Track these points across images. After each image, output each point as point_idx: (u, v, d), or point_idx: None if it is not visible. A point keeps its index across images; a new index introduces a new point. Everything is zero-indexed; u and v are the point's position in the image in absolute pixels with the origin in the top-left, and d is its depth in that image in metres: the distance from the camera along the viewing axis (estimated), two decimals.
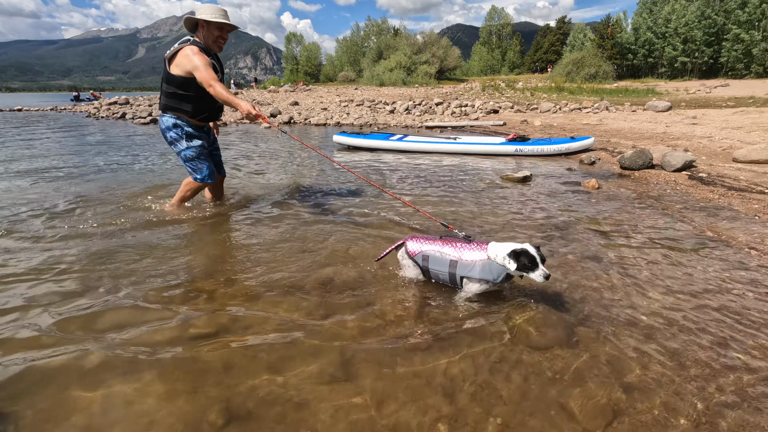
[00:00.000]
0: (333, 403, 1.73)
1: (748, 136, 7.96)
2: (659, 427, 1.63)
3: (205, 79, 3.60)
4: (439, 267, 2.61)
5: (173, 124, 3.95)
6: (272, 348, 2.09)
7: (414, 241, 2.78)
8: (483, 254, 2.47)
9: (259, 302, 2.54)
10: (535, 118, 13.14)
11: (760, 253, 3.33)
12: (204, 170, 4.12)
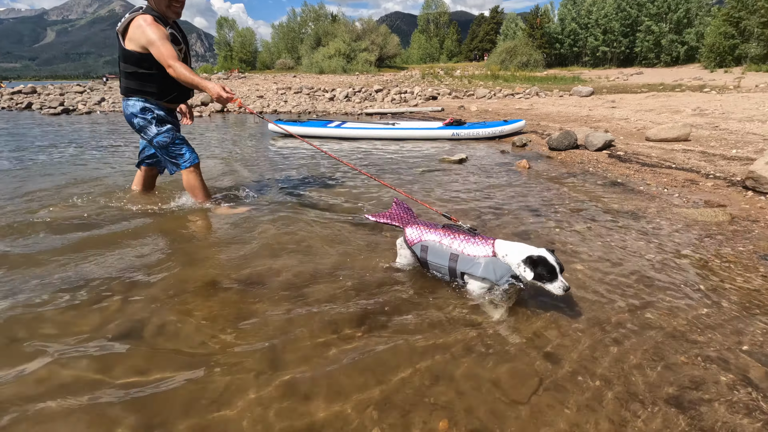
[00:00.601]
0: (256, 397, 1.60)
1: (658, 117, 8.69)
2: (579, 390, 1.68)
3: (162, 57, 3.09)
4: (439, 260, 2.40)
5: (142, 108, 3.42)
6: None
7: (414, 228, 2.55)
8: (488, 250, 2.25)
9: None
10: (471, 104, 13.47)
11: (669, 221, 3.61)
12: (186, 153, 3.63)
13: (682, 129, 6.50)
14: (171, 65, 3.11)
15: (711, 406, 1.59)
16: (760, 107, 8.66)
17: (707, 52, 34.27)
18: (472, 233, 2.40)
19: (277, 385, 1.68)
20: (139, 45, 3.18)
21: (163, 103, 3.53)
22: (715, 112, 8.62)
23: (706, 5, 43.75)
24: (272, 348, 1.91)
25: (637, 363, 1.84)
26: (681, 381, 1.73)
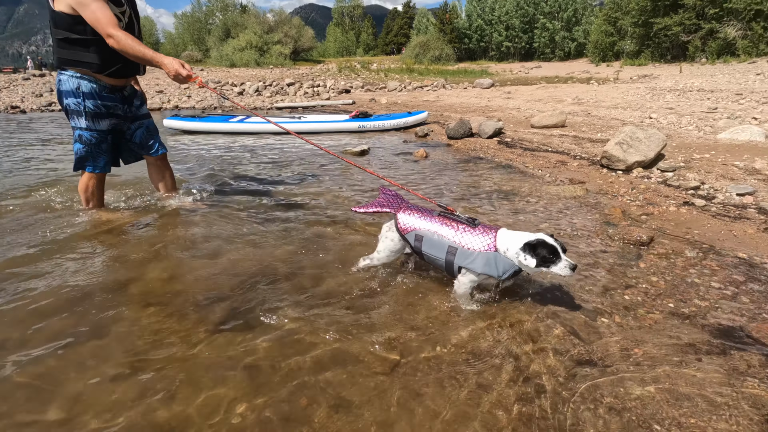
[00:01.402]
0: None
1: (544, 106, 9.59)
2: (435, 357, 1.84)
3: (98, 24, 2.59)
4: (435, 251, 2.20)
5: (75, 89, 2.88)
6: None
7: (407, 213, 2.31)
8: (490, 242, 2.09)
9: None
10: (382, 97, 13.74)
11: (537, 198, 4.04)
12: (100, 161, 3.16)
13: (559, 116, 7.25)
14: (111, 34, 2.61)
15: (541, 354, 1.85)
16: (624, 96, 9.96)
17: (592, 48, 38.32)
18: (472, 223, 2.20)
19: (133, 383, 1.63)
20: (69, 5, 2.67)
21: (105, 79, 2.96)
22: (590, 101, 9.74)
23: (590, 6, 48.84)
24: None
25: (481, 327, 2.06)
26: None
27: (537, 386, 1.69)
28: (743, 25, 24.34)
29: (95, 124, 3.04)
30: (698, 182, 4.08)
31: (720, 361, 1.81)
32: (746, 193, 3.66)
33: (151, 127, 3.47)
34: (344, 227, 3.33)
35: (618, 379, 1.73)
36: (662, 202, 3.77)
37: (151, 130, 3.47)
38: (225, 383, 1.67)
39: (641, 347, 1.90)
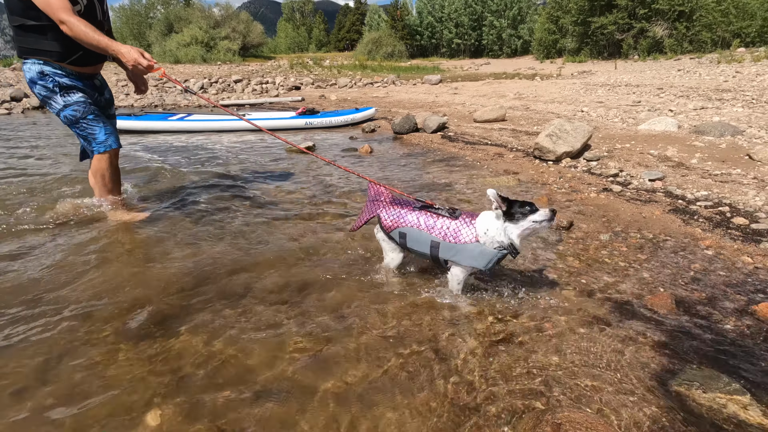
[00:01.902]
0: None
1: (488, 101, 9.93)
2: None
3: (49, 9, 2.44)
4: (420, 247, 2.20)
5: (39, 73, 2.68)
6: None
7: (388, 210, 2.28)
8: (471, 233, 2.06)
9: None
10: (332, 93, 13.66)
11: (473, 189, 4.19)
12: (99, 134, 2.91)
13: (499, 111, 7.53)
14: (63, 20, 2.45)
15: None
16: (561, 91, 10.50)
17: (537, 45, 39.91)
18: (453, 215, 2.16)
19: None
20: None
21: (69, 66, 2.78)
22: (530, 96, 10.18)
23: (534, 4, 50.83)
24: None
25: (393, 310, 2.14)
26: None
27: (456, 364, 1.78)
28: (669, 25, 26.29)
29: (69, 96, 2.81)
30: (617, 170, 4.40)
31: (619, 330, 1.98)
32: (657, 179, 4.00)
33: (113, 117, 3.36)
34: (285, 222, 3.32)
35: (529, 350, 1.85)
36: (585, 189, 4.03)
37: (113, 122, 3.33)
38: (140, 387, 1.63)
39: (552, 322, 2.05)
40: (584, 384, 1.67)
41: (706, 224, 3.08)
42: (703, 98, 7.53)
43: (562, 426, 1.39)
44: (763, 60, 12.22)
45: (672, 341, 1.92)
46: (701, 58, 18.49)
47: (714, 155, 4.43)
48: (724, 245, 2.77)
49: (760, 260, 2.57)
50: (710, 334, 1.97)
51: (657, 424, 1.48)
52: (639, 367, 1.77)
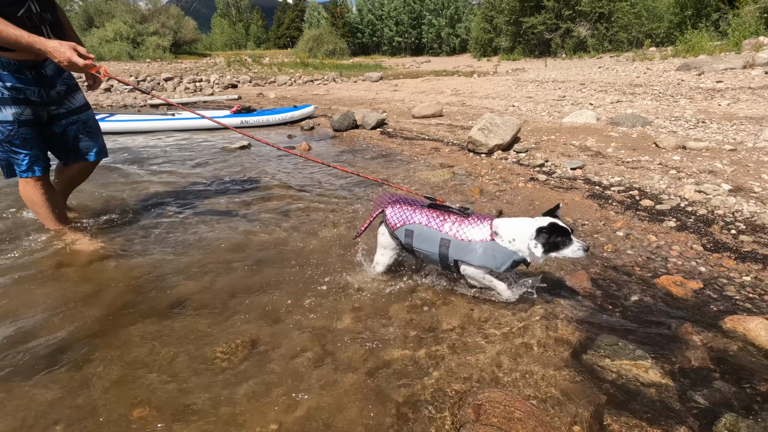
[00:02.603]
0: None
1: (426, 97, 10.11)
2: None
3: None
4: (428, 246, 2.07)
5: None
6: None
7: (395, 208, 2.16)
8: (485, 232, 1.97)
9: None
10: (270, 91, 13.28)
11: (409, 183, 4.24)
12: (23, 160, 2.51)
13: (436, 107, 7.70)
14: None
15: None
16: (495, 87, 10.94)
17: (474, 43, 41.33)
18: (464, 213, 2.09)
19: None
20: None
21: (6, 54, 2.34)
22: (466, 92, 10.51)
23: (469, 4, 52.56)
24: None
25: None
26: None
27: (383, 354, 1.79)
28: (591, 26, 28.27)
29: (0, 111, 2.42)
30: (543, 160, 4.65)
31: (540, 310, 2.08)
32: (577, 167, 4.27)
33: (89, 123, 2.88)
34: (227, 226, 3.16)
35: (454, 335, 1.90)
36: (514, 179, 4.22)
37: (90, 127, 2.88)
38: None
39: (478, 306, 2.12)
40: (505, 364, 1.74)
41: (619, 207, 3.33)
42: (619, 92, 8.17)
43: (482, 406, 1.44)
44: (669, 58, 13.48)
45: (587, 317, 2.05)
46: (619, 57, 20.06)
47: (627, 144, 4.81)
48: (634, 225, 3.02)
49: (662, 237, 2.82)
50: (620, 307, 2.13)
51: (570, 395, 1.57)
52: (556, 343, 1.87)
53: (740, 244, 2.64)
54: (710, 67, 9.10)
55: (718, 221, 2.94)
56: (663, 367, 1.71)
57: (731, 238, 2.72)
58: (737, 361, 1.74)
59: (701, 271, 2.41)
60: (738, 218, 2.95)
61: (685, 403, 1.55)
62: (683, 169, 3.91)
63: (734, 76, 8.10)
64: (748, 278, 2.31)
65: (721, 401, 1.54)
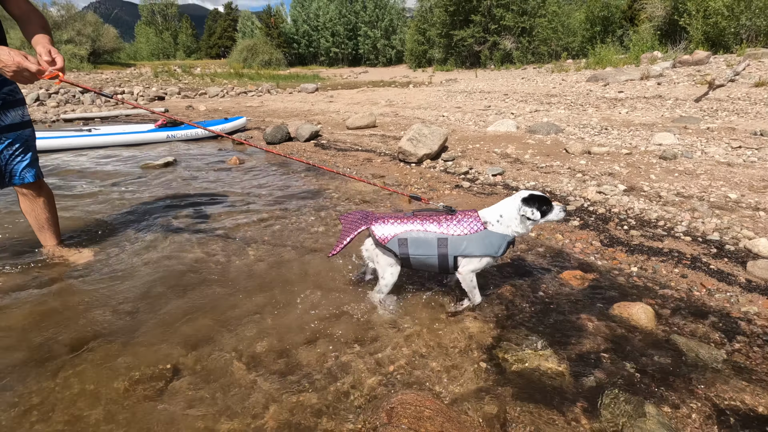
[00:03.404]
0: None
1: (361, 108, 10.28)
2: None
3: None
4: (425, 250, 2.06)
5: None
6: None
7: (382, 223, 2.11)
8: (476, 224, 2.06)
9: None
10: (201, 104, 12.78)
11: (338, 195, 4.29)
12: None
13: (370, 118, 7.86)
14: None
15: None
16: (427, 98, 11.38)
17: (409, 55, 42.56)
18: (450, 212, 2.15)
19: None
20: None
21: None
22: (399, 103, 10.82)
23: (404, 17, 54.14)
24: None
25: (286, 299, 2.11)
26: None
27: (302, 367, 1.80)
28: (515, 39, 30.27)
29: None
30: (468, 168, 4.92)
31: (448, 310, 2.21)
32: (498, 174, 4.57)
33: (19, 142, 2.49)
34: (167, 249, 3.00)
35: (369, 341, 1.96)
36: (441, 187, 4.43)
37: (18, 146, 2.49)
38: None
39: (395, 318, 2.20)
40: (419, 366, 1.83)
41: None
42: (537, 102, 8.85)
43: (395, 409, 1.50)
44: (582, 70, 14.79)
45: (498, 314, 2.20)
46: (541, 68, 21.65)
47: (542, 150, 5.22)
48: (544, 226, 3.28)
49: (568, 236, 3.10)
50: (528, 302, 2.31)
51: (478, 390, 1.69)
52: (468, 342, 2.00)
53: (630, 238, 2.97)
54: (614, 79, 10.12)
55: (613, 218, 3.29)
56: (560, 354, 1.88)
57: (624, 233, 3.06)
58: (622, 342, 1.96)
59: (598, 265, 2.69)
60: (630, 215, 3.32)
61: (577, 385, 1.72)
62: (588, 172, 4.32)
63: (633, 86, 9.08)
64: (635, 268, 2.61)
65: (607, 380, 1.74)
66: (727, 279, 2.41)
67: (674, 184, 3.80)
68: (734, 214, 3.14)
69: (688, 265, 2.58)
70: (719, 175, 3.88)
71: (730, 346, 1.92)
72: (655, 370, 1.79)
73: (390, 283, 2.17)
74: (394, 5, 53.10)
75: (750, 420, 1.54)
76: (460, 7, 32.82)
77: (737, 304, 2.21)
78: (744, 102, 6.47)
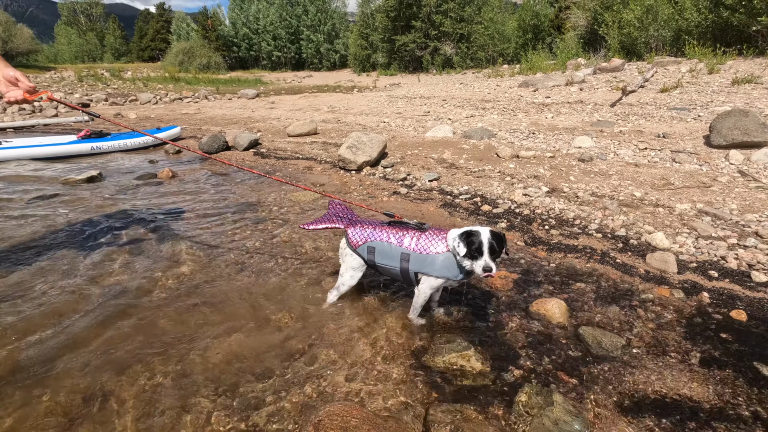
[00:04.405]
0: None
1: (303, 115, 10.19)
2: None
3: None
4: (389, 261, 2.16)
5: None
6: None
7: (357, 228, 2.26)
8: (441, 245, 2.06)
9: None
10: (131, 111, 12.04)
11: (278, 206, 4.25)
12: None
13: (311, 125, 7.82)
14: None
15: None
16: (369, 104, 11.50)
17: (353, 59, 42.71)
18: (421, 228, 2.18)
19: None
20: None
21: None
22: (341, 109, 10.86)
23: (346, 21, 54.21)
24: None
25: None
26: None
27: (232, 388, 1.78)
28: (455, 45, 31.35)
29: None
30: (406, 174, 5.05)
31: (380, 320, 2.28)
32: (434, 179, 4.73)
33: None
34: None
35: (304, 356, 1.98)
36: (379, 193, 4.51)
37: None
38: None
39: (326, 332, 2.23)
40: (349, 377, 1.88)
41: (464, 213, 3.79)
42: (473, 108, 9.24)
43: (322, 422, 1.54)
44: (516, 75, 15.64)
45: (427, 320, 2.30)
46: (479, 73, 22.59)
47: (475, 155, 5.48)
48: None
49: None
50: (456, 305, 2.43)
51: (405, 395, 1.77)
52: (397, 350, 2.07)
53: (551, 237, 3.21)
54: (543, 84, 10.81)
55: (537, 219, 3.54)
56: (483, 354, 2.01)
57: (545, 232, 3.30)
58: (539, 337, 2.13)
59: (521, 264, 2.88)
60: (551, 215, 3.59)
61: (497, 382, 1.85)
62: (516, 175, 4.60)
63: (559, 92, 9.75)
64: (553, 265, 2.83)
65: (524, 374, 1.88)
66: (630, 271, 2.69)
67: (590, 184, 4.14)
68: (638, 210, 3.48)
69: (599, 260, 2.84)
70: (628, 175, 4.29)
71: (629, 332, 2.15)
72: (564, 361, 1.96)
73: (348, 285, 2.33)
74: (336, 9, 53.10)
75: (643, 399, 1.73)
76: (400, 13, 33.45)
77: (637, 293, 2.47)
78: (651, 107, 7.18)
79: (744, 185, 3.82)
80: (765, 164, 4.23)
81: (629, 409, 1.68)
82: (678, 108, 6.80)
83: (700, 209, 3.39)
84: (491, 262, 1.86)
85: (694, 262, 2.73)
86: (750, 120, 4.70)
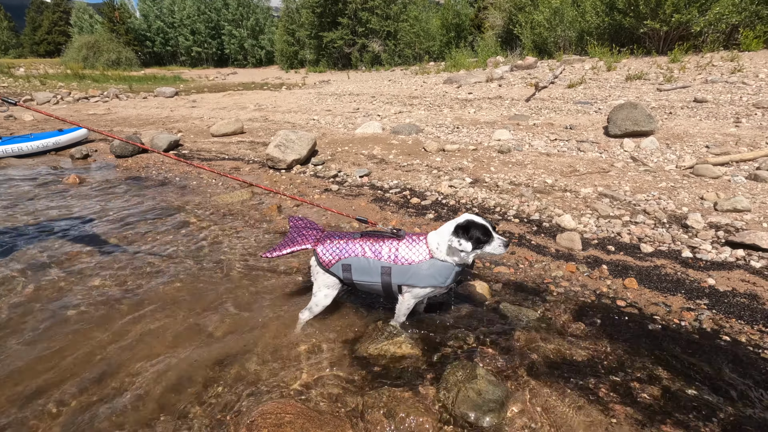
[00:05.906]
0: None
1: (228, 114, 9.76)
2: None
3: None
4: (369, 277, 1.97)
5: None
6: None
7: (326, 245, 2.02)
8: (424, 250, 1.89)
9: None
10: (26, 113, 10.72)
11: (204, 209, 4.06)
12: None
13: (236, 124, 7.52)
14: None
15: None
16: (298, 101, 11.30)
17: (280, 55, 41.56)
18: (398, 236, 1.99)
19: None
20: None
21: None
22: (269, 107, 10.56)
23: (271, 16, 52.51)
24: None
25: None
26: None
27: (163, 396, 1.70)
28: (382, 42, 31.71)
29: None
30: (337, 171, 5.07)
31: (313, 318, 2.30)
32: (364, 175, 4.80)
33: None
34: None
35: (237, 359, 1.94)
36: (310, 192, 4.48)
37: None
38: None
39: (261, 332, 2.21)
40: (282, 375, 1.88)
41: (395, 207, 3.89)
42: (401, 104, 9.46)
43: (254, 422, 1.53)
44: (441, 72, 16.22)
45: (360, 311, 2.35)
46: (407, 70, 23.09)
47: (404, 150, 5.63)
48: (405, 221, 3.58)
49: (424, 228, 3.43)
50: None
51: (341, 385, 1.80)
52: (330, 343, 2.10)
53: None
54: (465, 81, 11.33)
55: (461, 209, 3.74)
56: (414, 338, 2.11)
57: None
58: (465, 317, 2.27)
59: None
60: (474, 204, 3.81)
61: (428, 363, 1.95)
62: (442, 168, 4.81)
63: (480, 88, 10.28)
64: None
65: (452, 354, 2.00)
66: (543, 251, 2.95)
67: (508, 174, 4.46)
68: (550, 196, 3.82)
69: (516, 243, 3.08)
70: (541, 164, 4.68)
71: (543, 306, 2.37)
72: (486, 335, 2.12)
73: (322, 305, 2.13)
74: (258, 4, 51.26)
75: (555, 365, 1.93)
76: (326, 9, 33.18)
77: (549, 270, 2.72)
78: (560, 101, 7.84)
79: (635, 169, 4.33)
80: (651, 150, 4.83)
81: (543, 373, 1.86)
82: (582, 102, 7.50)
83: (600, 192, 3.80)
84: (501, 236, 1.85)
85: (596, 239, 3.06)
86: (639, 112, 5.33)
